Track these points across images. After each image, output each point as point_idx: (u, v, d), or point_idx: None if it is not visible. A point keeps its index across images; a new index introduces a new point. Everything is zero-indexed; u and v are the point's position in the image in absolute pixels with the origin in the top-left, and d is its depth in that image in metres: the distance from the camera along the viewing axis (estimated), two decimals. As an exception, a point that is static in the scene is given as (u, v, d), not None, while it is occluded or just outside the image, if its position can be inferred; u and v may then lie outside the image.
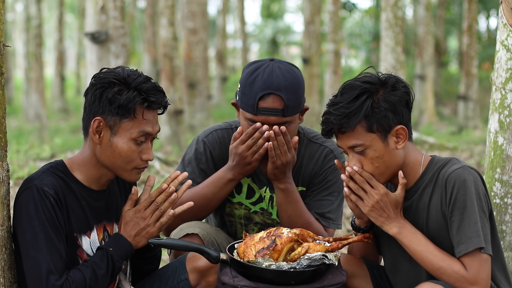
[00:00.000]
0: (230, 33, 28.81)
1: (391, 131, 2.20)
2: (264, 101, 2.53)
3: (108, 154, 2.21)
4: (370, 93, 2.19)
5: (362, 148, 2.21)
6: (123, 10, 7.35)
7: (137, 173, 2.27)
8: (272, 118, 2.54)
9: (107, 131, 2.19)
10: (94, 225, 2.28)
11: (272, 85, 2.53)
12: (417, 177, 2.28)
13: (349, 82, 2.25)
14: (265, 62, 2.61)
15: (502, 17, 2.70)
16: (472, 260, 2.12)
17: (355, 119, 2.17)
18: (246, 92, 2.57)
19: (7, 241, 2.18)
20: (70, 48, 31.83)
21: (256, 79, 2.56)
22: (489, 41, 20.14)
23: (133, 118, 2.18)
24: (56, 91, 18.57)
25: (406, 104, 2.23)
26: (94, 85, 2.21)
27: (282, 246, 2.23)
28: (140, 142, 2.21)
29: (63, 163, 2.26)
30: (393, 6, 7.23)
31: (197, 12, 11.30)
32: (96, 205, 2.29)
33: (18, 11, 24.94)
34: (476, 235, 2.12)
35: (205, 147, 2.76)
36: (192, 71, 11.30)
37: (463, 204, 2.14)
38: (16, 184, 6.25)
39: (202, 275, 2.41)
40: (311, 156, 2.76)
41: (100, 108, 2.18)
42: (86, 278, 2.13)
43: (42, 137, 11.57)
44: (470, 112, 12.19)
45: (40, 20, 14.27)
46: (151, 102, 2.20)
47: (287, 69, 2.59)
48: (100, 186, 2.30)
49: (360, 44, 22.24)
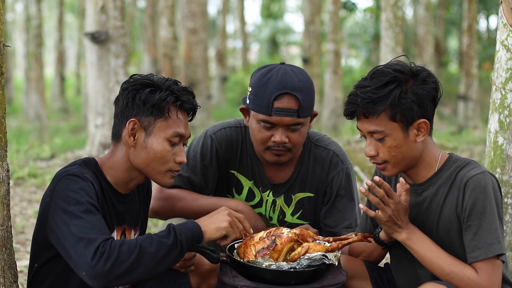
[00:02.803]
0: (230, 33, 28.82)
1: (414, 123, 2.18)
2: (279, 101, 2.52)
3: (143, 157, 2.21)
4: (400, 82, 2.17)
5: (382, 136, 2.19)
6: (123, 10, 7.36)
7: (171, 177, 2.26)
8: (286, 119, 2.53)
9: (141, 132, 2.20)
10: (115, 227, 2.28)
11: (287, 84, 2.52)
12: (432, 172, 2.26)
13: (380, 68, 2.22)
14: (276, 65, 2.61)
15: (502, 17, 2.70)
16: (487, 266, 2.10)
17: (381, 106, 2.15)
18: (260, 93, 2.55)
19: (7, 241, 2.18)
20: (70, 48, 31.84)
21: (270, 79, 2.54)
22: (489, 41, 20.14)
23: (167, 117, 2.20)
24: (56, 91, 18.59)
25: (432, 99, 2.21)
26: (125, 89, 2.23)
27: (282, 246, 2.23)
28: (173, 144, 2.22)
29: (95, 160, 2.26)
30: (393, 6, 7.23)
31: (197, 12, 11.31)
32: (120, 208, 2.28)
33: (18, 11, 24.96)
34: (497, 241, 2.11)
35: (212, 143, 2.74)
36: (192, 71, 11.31)
37: (482, 210, 2.12)
38: (16, 184, 6.25)
39: (203, 278, 2.41)
40: (316, 160, 2.75)
41: (134, 110, 2.19)
42: (139, 239, 2.05)
43: (42, 137, 11.56)
44: (470, 112, 12.19)
45: (40, 20, 14.27)
46: (184, 102, 2.22)
47: (299, 71, 2.59)
48: (126, 190, 2.29)
49: (360, 44, 22.24)
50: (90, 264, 1.95)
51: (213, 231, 2.16)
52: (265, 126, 2.57)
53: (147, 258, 2.01)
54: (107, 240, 2.00)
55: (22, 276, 3.76)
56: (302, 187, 2.73)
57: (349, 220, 2.69)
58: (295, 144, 2.59)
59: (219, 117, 14.87)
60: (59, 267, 2.18)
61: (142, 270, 2.01)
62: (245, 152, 2.76)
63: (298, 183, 2.74)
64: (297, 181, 2.74)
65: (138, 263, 1.99)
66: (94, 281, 1.97)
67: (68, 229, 2.02)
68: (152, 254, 2.01)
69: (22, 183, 6.41)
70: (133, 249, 2.00)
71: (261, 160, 2.74)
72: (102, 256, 1.96)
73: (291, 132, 2.57)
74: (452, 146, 8.36)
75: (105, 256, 1.96)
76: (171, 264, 2.09)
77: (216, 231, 2.16)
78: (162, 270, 2.07)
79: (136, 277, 2.02)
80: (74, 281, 2.18)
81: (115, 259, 1.96)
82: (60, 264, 2.16)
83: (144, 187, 2.44)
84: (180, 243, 2.07)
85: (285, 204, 2.78)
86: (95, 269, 1.95)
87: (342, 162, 2.73)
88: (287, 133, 2.57)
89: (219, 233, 2.17)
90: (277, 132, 2.56)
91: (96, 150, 7.40)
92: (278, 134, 2.56)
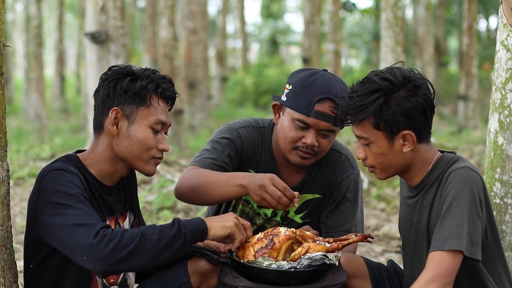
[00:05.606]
0: (230, 33, 28.81)
1: (399, 133, 2.17)
2: (321, 105, 2.53)
3: (126, 145, 2.23)
4: (385, 93, 2.16)
5: (367, 142, 2.21)
6: (123, 10, 7.36)
7: (154, 164, 2.28)
8: (323, 123, 2.53)
9: (124, 121, 2.22)
10: (107, 218, 2.29)
11: (332, 91, 2.53)
12: (424, 175, 2.26)
13: (373, 74, 2.22)
14: (319, 70, 2.63)
15: (502, 17, 2.70)
16: (438, 257, 2.03)
17: (363, 114, 2.16)
18: (303, 93, 2.55)
19: (7, 241, 2.18)
20: (70, 48, 31.84)
21: (314, 82, 2.55)
22: (489, 41, 20.15)
23: (149, 105, 2.23)
24: (56, 91, 18.58)
25: (422, 111, 2.17)
26: (105, 80, 2.25)
27: (280, 244, 2.23)
28: (156, 131, 2.25)
29: (76, 156, 2.28)
30: (393, 6, 7.23)
31: (197, 12, 11.31)
32: (108, 200, 2.30)
33: (18, 11, 24.94)
34: (456, 237, 2.04)
35: (239, 137, 2.71)
36: (192, 71, 11.30)
37: (450, 202, 2.09)
38: (16, 184, 6.25)
39: (203, 277, 2.40)
40: (328, 163, 2.75)
41: (115, 99, 2.22)
42: (141, 227, 2.06)
43: (42, 137, 11.57)
44: (470, 112, 12.20)
45: (40, 20, 14.26)
46: (164, 89, 2.25)
47: (341, 81, 2.61)
48: (111, 182, 2.31)
49: (360, 44, 22.24)
50: (91, 245, 1.95)
51: (218, 228, 2.16)
52: (300, 126, 2.56)
53: (149, 245, 2.01)
54: (108, 227, 2.01)
55: (22, 276, 3.75)
56: (311, 189, 2.74)
57: (350, 224, 2.69)
58: (322, 150, 2.61)
59: (219, 117, 14.88)
60: (53, 265, 2.18)
61: (143, 257, 2.01)
62: (264, 153, 2.75)
63: (309, 185, 2.75)
64: (308, 184, 2.75)
65: (139, 249, 2.00)
66: (96, 264, 1.97)
67: (62, 220, 2.02)
68: (154, 241, 2.02)
69: (22, 183, 6.41)
70: (135, 235, 2.01)
71: (278, 162, 2.73)
72: (104, 238, 1.97)
73: (322, 137, 2.58)
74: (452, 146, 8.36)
75: (107, 239, 1.97)
76: (174, 255, 2.08)
77: (221, 229, 2.17)
78: (164, 260, 2.06)
79: (138, 263, 2.02)
80: (71, 277, 2.18)
81: (117, 243, 1.97)
82: (54, 262, 2.17)
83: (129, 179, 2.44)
84: (184, 236, 2.07)
85: None
86: (97, 250, 1.95)
87: (353, 167, 2.75)
88: (318, 137, 2.57)
89: (224, 231, 2.17)
90: (310, 134, 2.56)
91: (96, 150, 7.39)
92: (310, 136, 2.56)
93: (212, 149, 2.67)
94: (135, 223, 2.44)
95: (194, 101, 11.41)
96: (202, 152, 2.69)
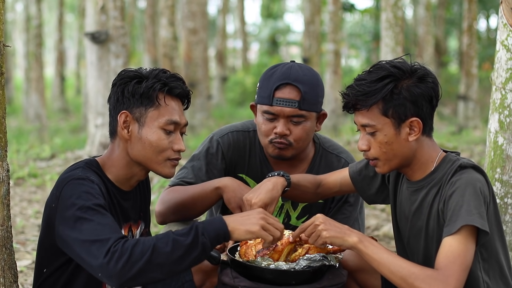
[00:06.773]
0: (230, 33, 28.82)
1: (406, 121, 2.18)
2: (280, 91, 2.55)
3: (139, 148, 2.19)
4: (395, 78, 2.17)
5: (373, 130, 2.19)
6: (123, 10, 7.36)
7: (171, 166, 2.23)
8: (287, 109, 2.54)
9: (134, 124, 2.19)
10: (122, 225, 2.27)
11: (290, 76, 2.55)
12: (427, 173, 2.25)
13: (380, 63, 2.24)
14: (285, 62, 2.65)
15: (502, 17, 2.70)
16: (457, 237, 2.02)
17: (373, 99, 2.16)
18: (264, 85, 2.59)
19: (7, 241, 2.18)
20: (70, 48, 31.83)
21: (274, 72, 2.59)
22: (489, 41, 20.15)
23: (157, 106, 2.18)
24: (56, 91, 18.58)
25: (429, 99, 2.19)
26: (114, 85, 2.23)
27: (282, 247, 2.23)
28: (169, 132, 2.20)
29: (96, 161, 2.24)
30: (393, 6, 7.23)
31: (197, 12, 11.30)
32: (124, 206, 2.27)
33: (18, 11, 24.95)
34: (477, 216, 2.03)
35: (218, 147, 2.72)
36: (192, 71, 11.30)
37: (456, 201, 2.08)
38: (16, 184, 6.25)
39: (206, 275, 2.41)
40: (328, 166, 2.74)
41: (124, 103, 2.19)
42: (155, 238, 1.97)
43: (42, 137, 11.56)
44: (470, 112, 12.19)
45: (40, 20, 14.27)
46: (172, 88, 2.20)
47: (307, 68, 2.63)
48: (129, 187, 2.27)
49: (360, 44, 22.23)
50: (102, 264, 1.92)
51: (242, 233, 2.02)
52: (268, 118, 2.58)
53: (162, 259, 1.93)
54: (120, 240, 1.95)
55: (22, 276, 3.76)
56: None
57: (352, 227, 2.68)
58: (297, 138, 2.59)
59: (219, 117, 14.88)
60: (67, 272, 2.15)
61: (157, 271, 1.93)
62: (254, 155, 2.75)
63: None
64: None
65: (151, 264, 1.92)
66: (111, 281, 1.94)
67: (79, 234, 1.98)
68: (166, 254, 1.93)
69: (22, 183, 6.41)
70: (147, 249, 1.92)
71: (271, 162, 2.74)
72: (114, 256, 1.91)
73: (294, 125, 2.58)
74: (452, 146, 8.35)
75: (117, 256, 1.91)
76: (192, 264, 1.99)
77: (246, 234, 2.02)
78: (183, 269, 1.99)
79: (154, 277, 1.95)
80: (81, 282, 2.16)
81: (127, 259, 1.91)
82: (69, 270, 2.15)
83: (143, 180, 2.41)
84: (202, 244, 1.96)
85: (291, 208, 2.78)
86: (107, 269, 1.91)
87: None
88: (289, 125, 2.58)
89: (249, 236, 2.03)
90: (279, 123, 2.57)
91: (96, 150, 7.40)
92: (279, 125, 2.57)
93: (190, 168, 2.70)
94: (145, 232, 2.41)
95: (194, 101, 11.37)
96: (180, 172, 2.72)
